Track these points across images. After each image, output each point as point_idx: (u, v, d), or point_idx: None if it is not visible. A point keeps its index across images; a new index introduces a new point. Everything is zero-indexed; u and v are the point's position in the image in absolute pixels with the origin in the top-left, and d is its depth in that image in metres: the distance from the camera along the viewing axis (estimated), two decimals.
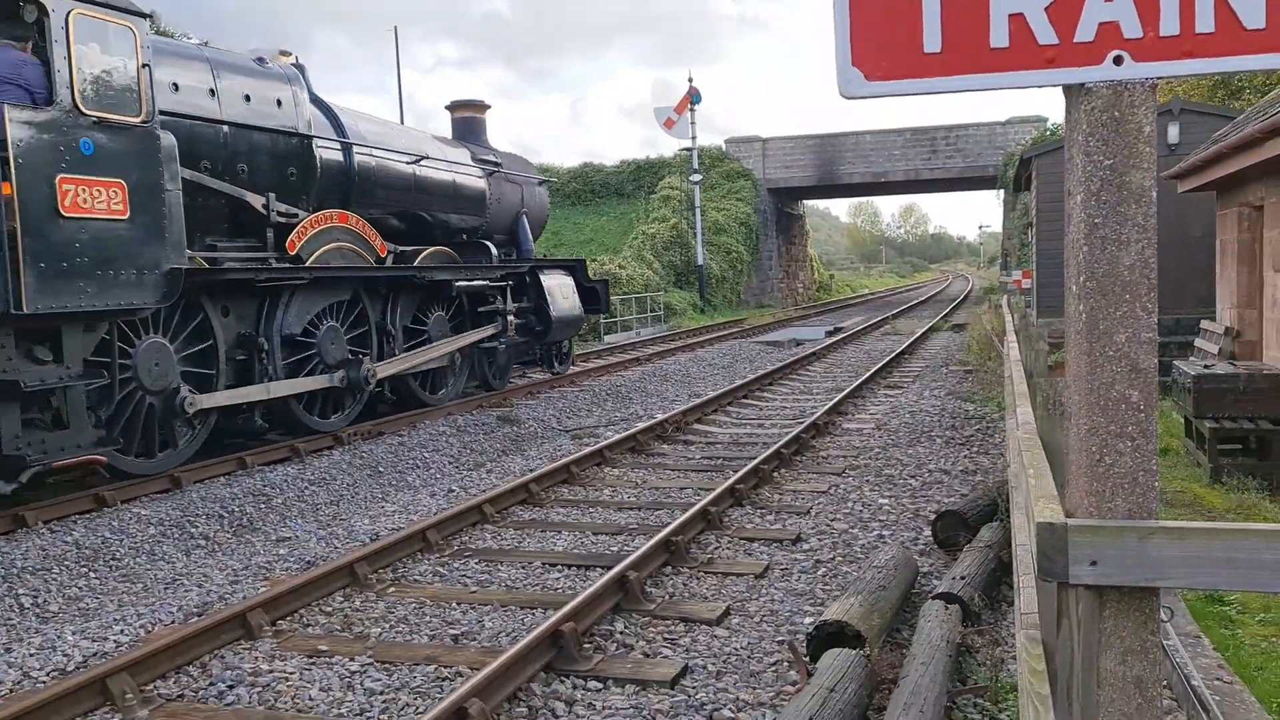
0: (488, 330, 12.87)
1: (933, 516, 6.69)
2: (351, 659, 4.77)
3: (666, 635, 5.01)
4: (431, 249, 12.35)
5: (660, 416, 11.41)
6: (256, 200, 9.63)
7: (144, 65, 7.77)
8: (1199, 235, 14.01)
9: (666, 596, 5.60)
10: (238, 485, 8.28)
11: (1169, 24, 1.86)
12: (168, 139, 8.04)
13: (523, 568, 6.26)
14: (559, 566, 6.25)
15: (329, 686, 4.48)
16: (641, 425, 10.78)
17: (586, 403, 13.27)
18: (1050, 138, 29.70)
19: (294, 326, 9.80)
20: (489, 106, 15.12)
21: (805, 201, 50.46)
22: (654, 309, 28.91)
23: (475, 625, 5.24)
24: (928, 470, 8.65)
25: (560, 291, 14.40)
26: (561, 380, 14.83)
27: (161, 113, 8.07)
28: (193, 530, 7.25)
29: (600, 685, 4.43)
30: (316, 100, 10.96)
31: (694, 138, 35.04)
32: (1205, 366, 9.13)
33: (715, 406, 12.61)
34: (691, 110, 34.21)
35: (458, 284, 12.26)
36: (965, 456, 9.18)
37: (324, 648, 4.92)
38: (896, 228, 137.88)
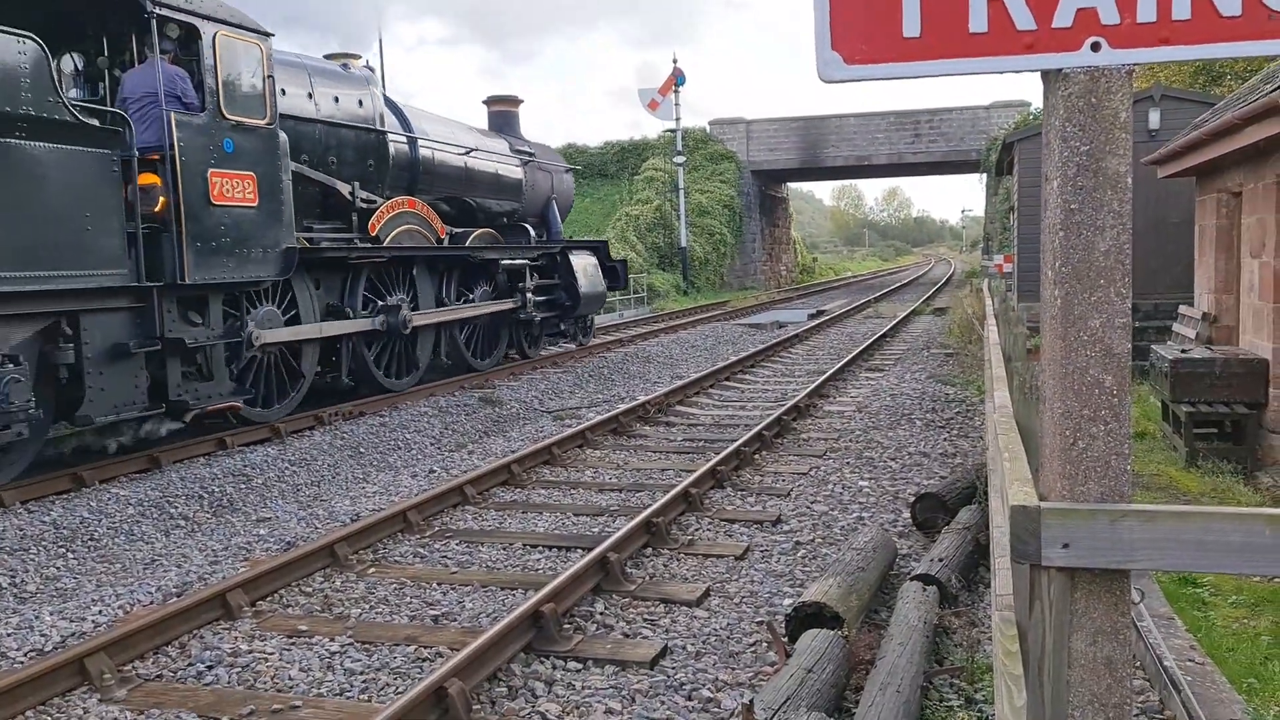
0: (508, 304, 13.97)
1: (912, 499, 6.74)
2: (331, 639, 4.78)
3: (646, 616, 5.04)
4: (479, 231, 13.65)
5: (642, 398, 11.43)
6: (344, 188, 11.00)
7: (269, 76, 9.16)
8: (1177, 221, 14.10)
9: (647, 577, 5.63)
10: (218, 465, 8.25)
11: (1146, 10, 1.87)
12: (283, 137, 9.36)
13: (504, 549, 6.27)
14: (540, 547, 6.27)
15: (309, 667, 4.48)
16: (624, 407, 10.79)
17: (569, 384, 13.27)
18: (1033, 122, 29.77)
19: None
20: (522, 101, 16.32)
21: (789, 184, 50.43)
22: (637, 290, 28.89)
23: (455, 606, 5.25)
24: (907, 453, 8.70)
25: (586, 270, 15.65)
26: (543, 361, 14.84)
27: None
28: (172, 510, 7.22)
29: (580, 666, 4.45)
30: (387, 99, 12.26)
31: (678, 119, 34.93)
32: (1182, 351, 9.21)
33: (697, 388, 12.63)
34: (676, 92, 34.08)
35: (503, 262, 13.74)
36: (945, 439, 9.24)
37: (304, 628, 4.92)
38: (880, 211, 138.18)
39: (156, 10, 8.02)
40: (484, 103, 16.10)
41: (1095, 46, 1.89)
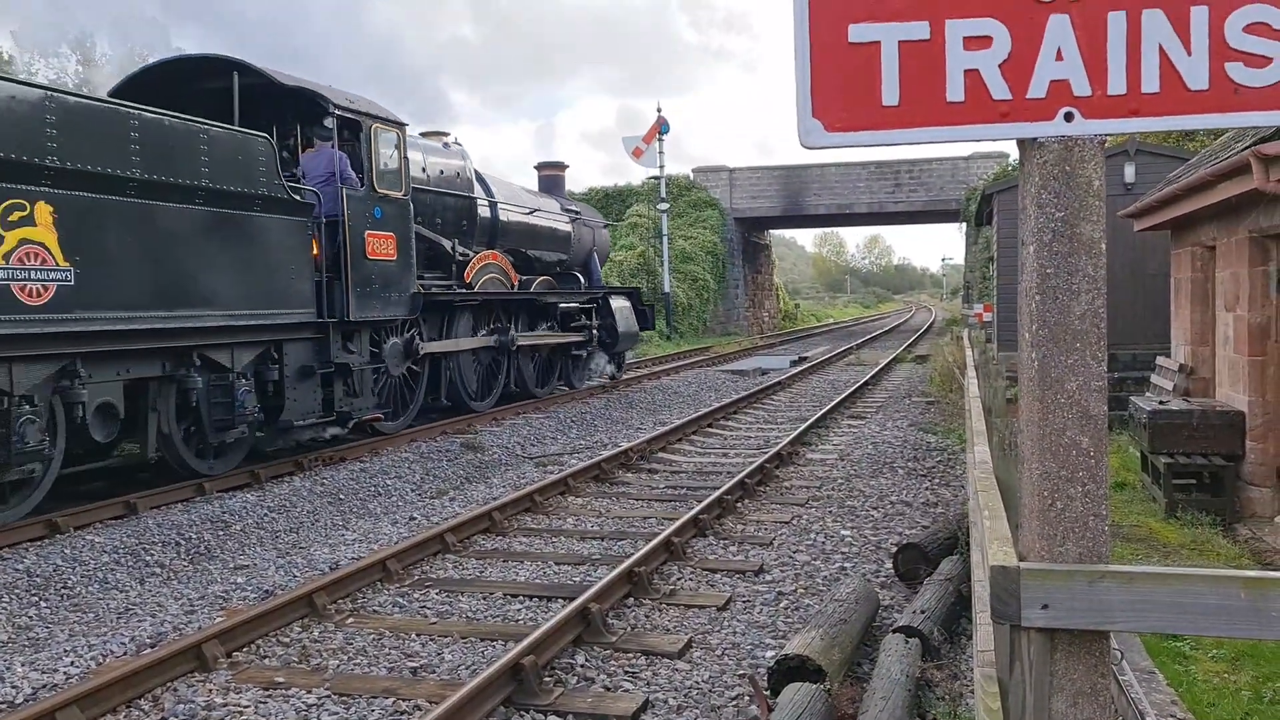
0: (578, 336, 16.55)
1: (894, 549, 6.74)
2: (309, 691, 4.71)
3: (628, 668, 5.00)
4: (540, 278, 15.99)
5: (625, 445, 11.41)
6: (446, 244, 13.31)
7: (404, 157, 11.61)
8: (1154, 273, 14.30)
9: (628, 629, 5.59)
10: (195, 512, 8.16)
11: (1116, 83, 1.93)
12: (411, 205, 11.72)
13: (484, 598, 6.21)
14: (521, 597, 6.22)
15: None
16: (606, 453, 10.77)
17: (551, 430, 13.24)
18: (1011, 174, 30.20)
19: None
20: (568, 166, 19.15)
21: (771, 231, 50.87)
22: None
23: (435, 657, 5.20)
24: (889, 502, 8.71)
25: (623, 312, 17.96)
26: (526, 406, 14.83)
27: None
28: (147, 558, 7.13)
29: None
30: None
31: (662, 167, 35.26)
32: (1160, 403, 9.31)
33: (680, 435, 12.63)
34: (660, 140, 34.43)
35: (561, 305, 16.15)
36: (927, 488, 9.26)
37: (281, 680, 4.85)
38: (861, 258, 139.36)
39: (336, 111, 10.52)
40: (535, 168, 18.99)
41: (1068, 117, 1.95)
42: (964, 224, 37.40)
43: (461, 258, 13.63)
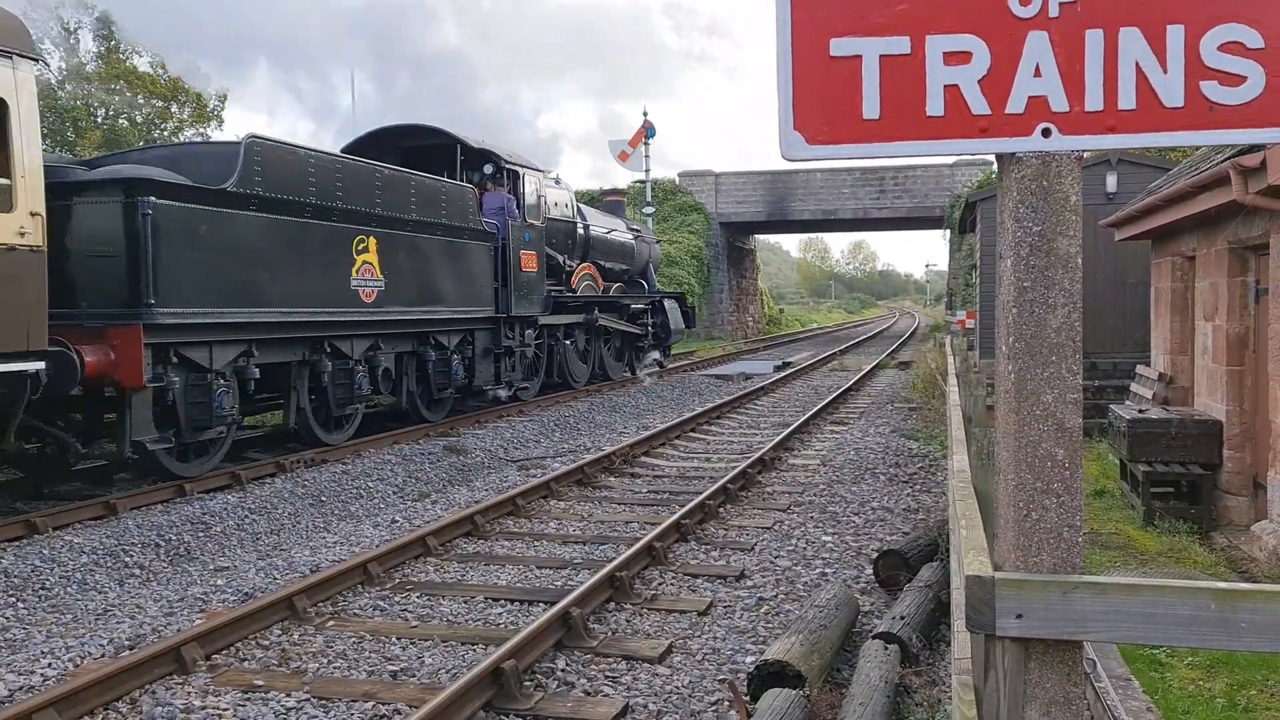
0: (636, 329, 20.58)
1: (875, 555, 6.77)
2: (288, 694, 4.70)
3: (608, 673, 5.01)
4: (615, 284, 20.15)
5: (608, 449, 11.41)
6: (559, 258, 17.18)
7: (540, 195, 15.87)
8: (1134, 282, 14.42)
9: (609, 633, 5.60)
10: (175, 513, 8.12)
11: (1094, 100, 1.95)
12: (544, 230, 15.92)
13: (465, 602, 6.21)
14: (502, 601, 6.21)
15: None
16: (589, 457, 10.77)
17: (534, 433, 13.23)
18: (994, 181, 30.29)
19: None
20: (627, 192, 23.89)
21: (756, 236, 50.98)
22: None
23: (415, 661, 5.19)
24: (871, 508, 8.75)
25: (674, 312, 22.04)
26: (510, 410, 14.83)
27: None
28: (127, 559, 7.09)
29: None
30: None
31: (647, 171, 35.26)
32: (1140, 411, 9.38)
33: (663, 440, 12.64)
34: (646, 144, 34.42)
35: (633, 306, 20.49)
36: (908, 494, 9.30)
37: (260, 683, 4.83)
38: (845, 263, 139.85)
39: (505, 165, 14.92)
40: (601, 194, 23.04)
41: (1046, 132, 1.98)
42: (948, 231, 37.59)
43: (569, 269, 17.69)
